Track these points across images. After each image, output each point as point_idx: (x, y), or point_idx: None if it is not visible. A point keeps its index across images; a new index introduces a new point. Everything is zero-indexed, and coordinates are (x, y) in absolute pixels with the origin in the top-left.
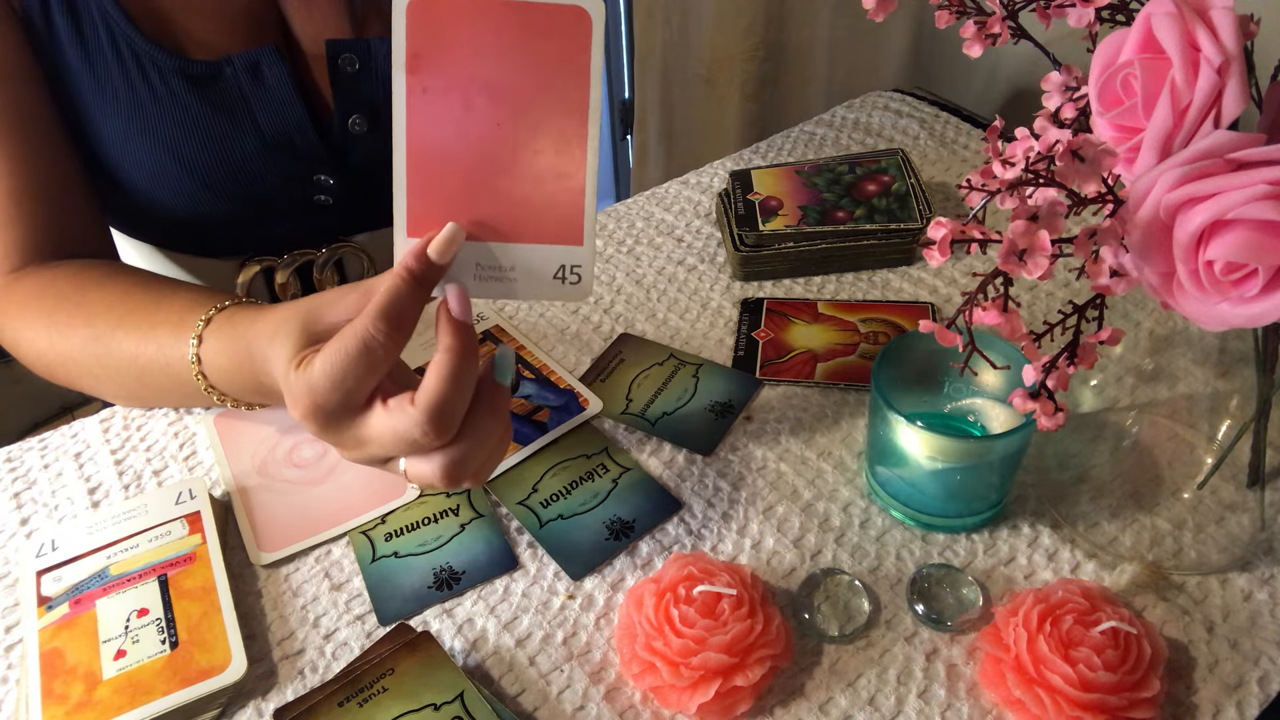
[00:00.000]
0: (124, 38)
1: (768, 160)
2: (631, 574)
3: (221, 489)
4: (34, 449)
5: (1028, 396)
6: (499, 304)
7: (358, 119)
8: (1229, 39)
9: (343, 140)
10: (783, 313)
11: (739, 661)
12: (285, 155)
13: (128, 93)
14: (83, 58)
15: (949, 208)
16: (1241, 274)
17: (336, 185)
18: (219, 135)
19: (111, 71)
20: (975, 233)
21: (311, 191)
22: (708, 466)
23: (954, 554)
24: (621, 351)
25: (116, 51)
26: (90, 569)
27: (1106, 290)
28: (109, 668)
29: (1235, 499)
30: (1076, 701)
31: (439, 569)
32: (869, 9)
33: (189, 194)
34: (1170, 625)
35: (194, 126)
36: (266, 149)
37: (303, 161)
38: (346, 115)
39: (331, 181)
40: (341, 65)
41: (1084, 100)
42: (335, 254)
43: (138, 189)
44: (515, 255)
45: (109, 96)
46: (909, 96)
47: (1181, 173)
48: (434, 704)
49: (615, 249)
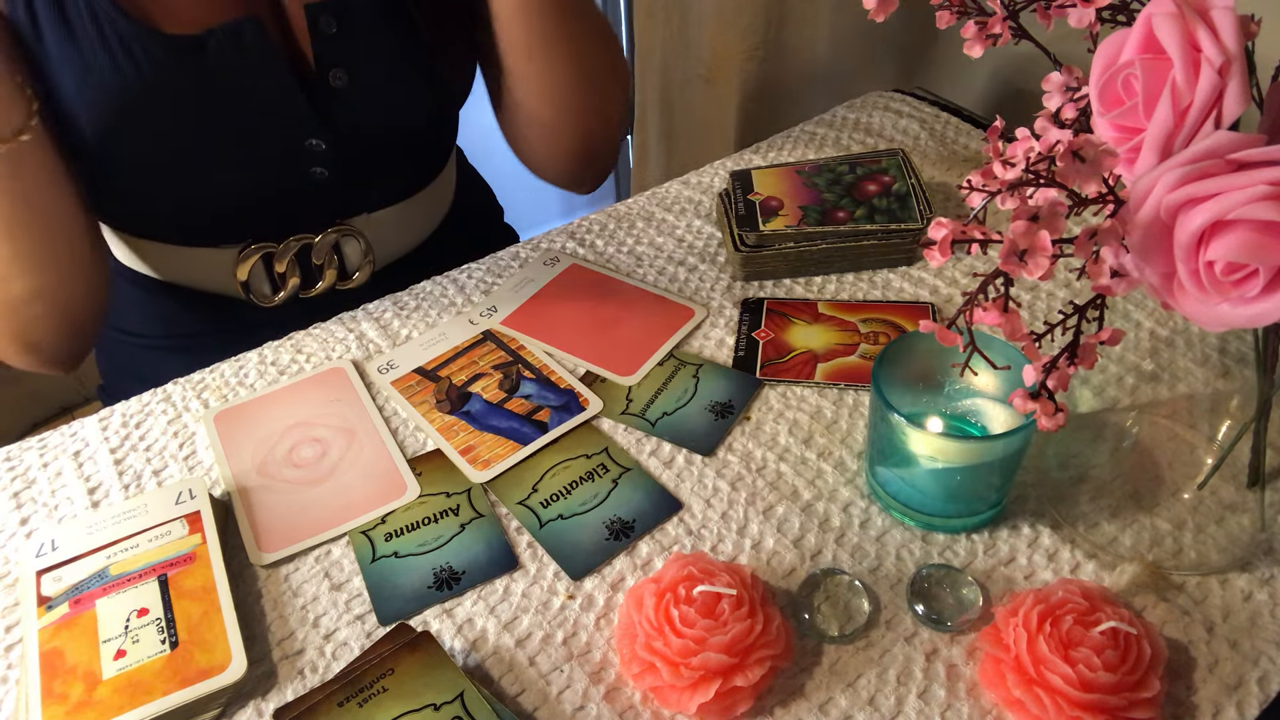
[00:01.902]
0: (107, 19)
1: (768, 160)
2: (631, 574)
3: (221, 489)
4: (33, 449)
5: (1028, 397)
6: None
7: (338, 73)
8: (1230, 39)
9: (327, 99)
10: (783, 313)
11: (739, 662)
12: (274, 120)
13: (115, 75)
14: (70, 46)
15: (949, 208)
16: (1242, 274)
17: (329, 151)
18: (209, 108)
19: (98, 56)
20: (976, 233)
21: (307, 162)
22: (707, 466)
23: (954, 554)
24: None
25: (101, 33)
26: (90, 569)
27: (1107, 290)
28: (109, 668)
29: (1235, 499)
30: (1076, 702)
31: (439, 569)
32: (869, 9)
33: (183, 175)
34: (1170, 625)
35: (183, 102)
36: (257, 117)
37: (292, 126)
38: (326, 71)
39: (324, 146)
40: (322, 26)
41: (1085, 100)
42: (333, 237)
43: (131, 179)
44: None
45: (97, 82)
46: (909, 96)
47: (1182, 173)
48: (434, 704)
49: (615, 249)
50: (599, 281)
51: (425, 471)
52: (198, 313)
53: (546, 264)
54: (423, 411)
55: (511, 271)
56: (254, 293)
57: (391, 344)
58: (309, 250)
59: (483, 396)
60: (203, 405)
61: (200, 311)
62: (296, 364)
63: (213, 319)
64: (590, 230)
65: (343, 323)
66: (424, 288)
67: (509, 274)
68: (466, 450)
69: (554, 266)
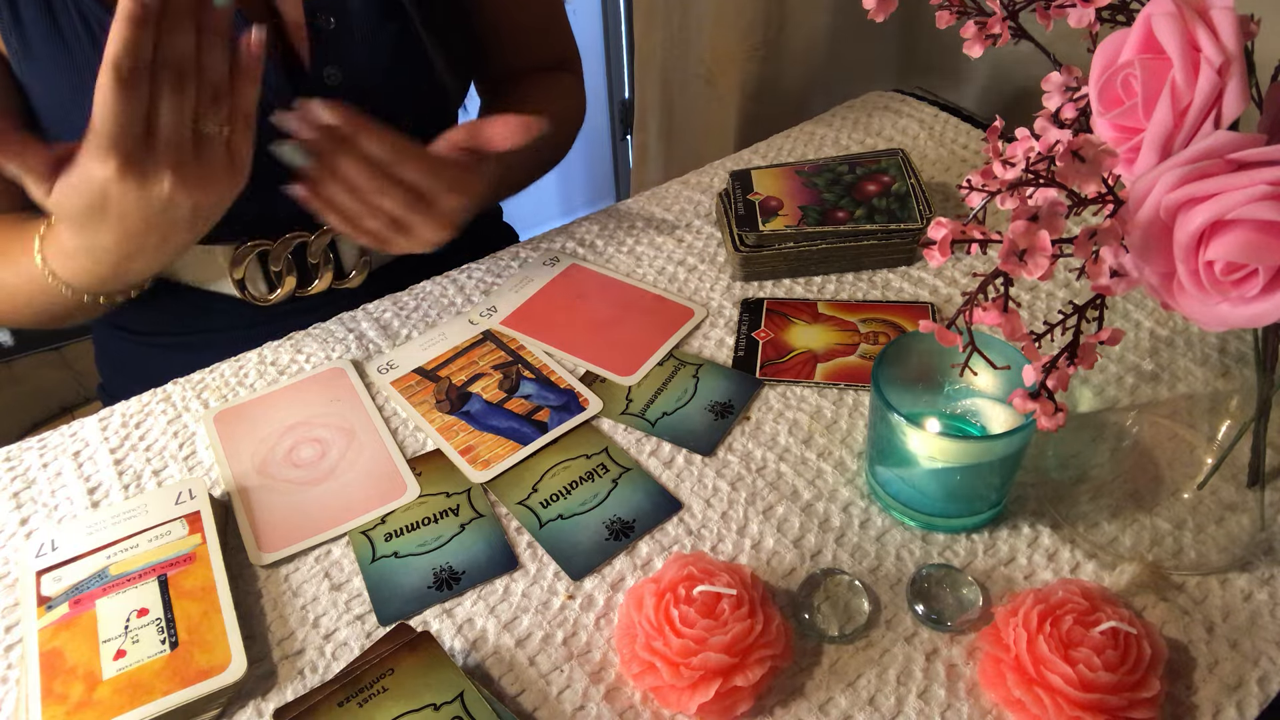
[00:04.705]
0: (95, 20)
1: (768, 160)
2: (631, 574)
3: (221, 489)
4: (33, 449)
5: (1028, 396)
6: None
7: (331, 70)
8: (1229, 39)
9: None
10: (783, 313)
11: (739, 661)
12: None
13: None
14: (59, 46)
15: (949, 208)
16: (1242, 274)
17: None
18: None
19: (88, 55)
20: (975, 233)
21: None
22: (707, 466)
23: (954, 554)
24: None
25: (90, 34)
26: (90, 569)
27: (1106, 290)
28: (109, 668)
29: (1235, 499)
30: (1076, 701)
31: (439, 569)
32: (869, 9)
33: None
34: (1170, 625)
35: None
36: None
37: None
38: (321, 69)
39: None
40: (320, 23)
41: (1084, 100)
42: (328, 236)
43: None
44: None
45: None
46: (909, 96)
47: (1182, 173)
48: (434, 704)
49: (615, 249)
50: (599, 281)
51: (425, 471)
52: (197, 312)
53: (546, 264)
54: (422, 411)
55: (511, 271)
56: (250, 291)
57: (391, 344)
58: (305, 249)
59: (482, 396)
60: (203, 405)
61: (200, 311)
62: (296, 364)
63: (212, 319)
64: (590, 230)
65: (342, 323)
66: (424, 287)
67: (509, 274)
68: (466, 450)
69: (554, 266)
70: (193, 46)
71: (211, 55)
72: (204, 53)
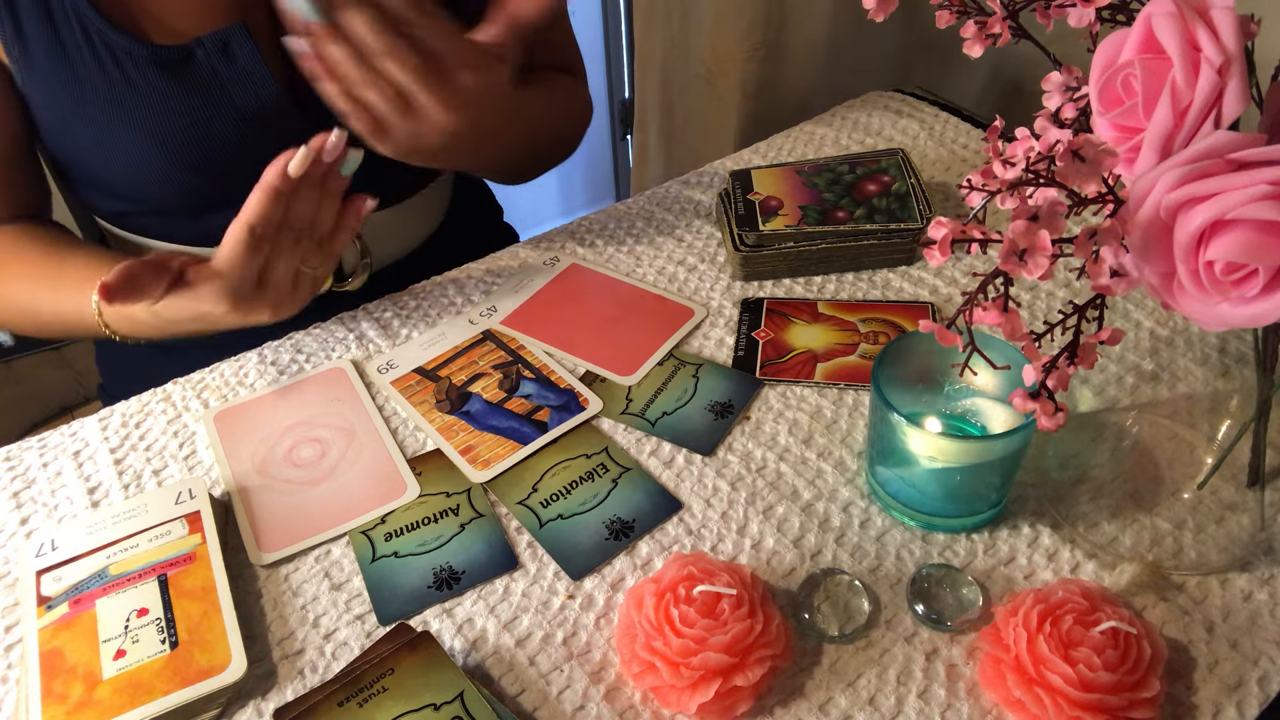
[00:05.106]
0: (95, 31)
1: (768, 160)
2: (631, 574)
3: (221, 489)
4: (33, 448)
5: (1028, 396)
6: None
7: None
8: (1229, 39)
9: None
10: (783, 313)
11: (739, 661)
12: (264, 130)
13: (105, 85)
14: (60, 58)
15: (949, 208)
16: (1242, 274)
17: None
18: (198, 118)
19: (89, 66)
20: (975, 233)
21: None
22: (707, 466)
23: (954, 554)
24: None
25: (90, 45)
26: (90, 569)
27: (1107, 290)
28: (109, 667)
29: (1235, 499)
30: (1076, 701)
31: (439, 569)
32: (869, 9)
33: (176, 182)
34: (1170, 625)
35: (172, 111)
36: (245, 126)
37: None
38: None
39: None
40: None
41: (1084, 100)
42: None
43: (125, 186)
44: None
45: (89, 94)
46: (909, 96)
47: (1182, 173)
48: (434, 704)
49: (615, 249)
50: (599, 281)
51: (425, 471)
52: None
53: (546, 264)
54: (422, 411)
55: (511, 271)
56: None
57: (391, 344)
58: None
59: (482, 396)
60: (203, 405)
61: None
62: (296, 364)
63: None
64: (590, 230)
65: (342, 322)
66: (423, 288)
67: (509, 274)
68: (466, 450)
69: (554, 266)
70: (315, 209)
71: (325, 213)
72: (320, 211)
